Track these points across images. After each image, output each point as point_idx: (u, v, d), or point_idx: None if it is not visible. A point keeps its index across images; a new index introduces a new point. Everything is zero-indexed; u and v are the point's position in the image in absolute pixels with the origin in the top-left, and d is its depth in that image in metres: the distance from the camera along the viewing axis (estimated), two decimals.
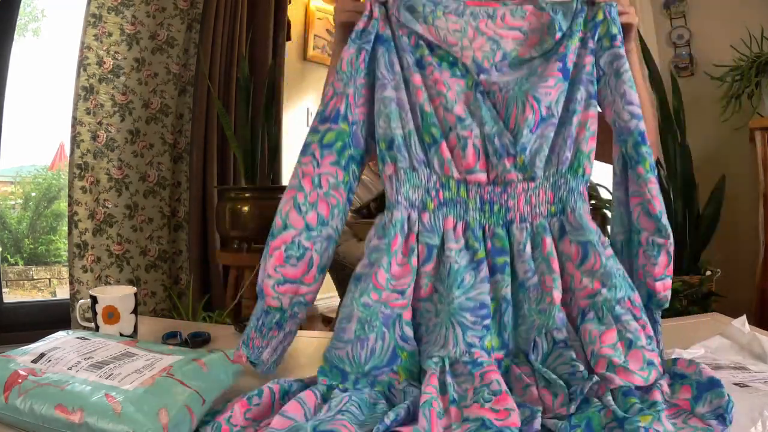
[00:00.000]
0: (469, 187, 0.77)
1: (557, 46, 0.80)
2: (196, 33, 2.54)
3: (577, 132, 0.78)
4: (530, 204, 0.76)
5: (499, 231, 0.75)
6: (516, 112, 0.77)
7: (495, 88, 0.78)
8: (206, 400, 0.62)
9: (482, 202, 0.76)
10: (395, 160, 0.77)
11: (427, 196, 0.77)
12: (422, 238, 0.75)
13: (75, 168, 2.24)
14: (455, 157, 0.77)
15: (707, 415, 0.57)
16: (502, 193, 0.76)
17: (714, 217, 2.14)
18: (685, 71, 2.58)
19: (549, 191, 0.77)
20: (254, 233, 2.22)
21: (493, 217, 0.76)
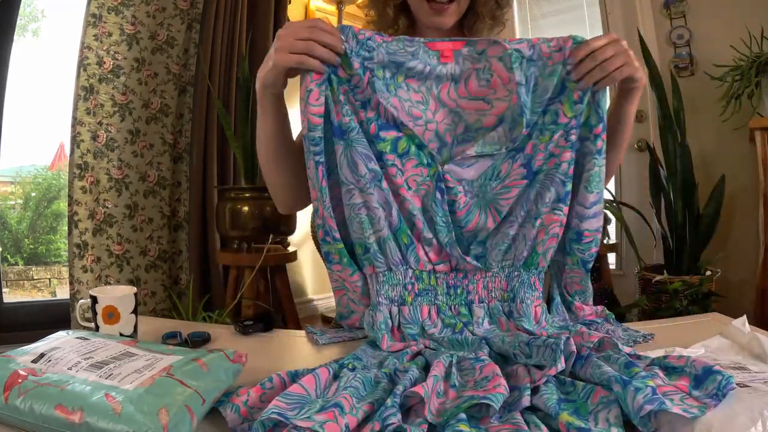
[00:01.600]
0: (437, 275, 0.86)
1: (524, 142, 0.83)
2: (196, 33, 2.54)
3: (536, 234, 0.85)
4: (487, 289, 0.87)
5: (462, 309, 0.86)
6: (477, 220, 0.85)
7: (459, 189, 0.84)
8: (206, 400, 0.62)
9: (448, 287, 0.86)
10: (372, 263, 0.84)
11: (404, 291, 0.85)
12: (404, 329, 0.83)
13: (75, 168, 2.24)
14: (427, 254, 0.86)
15: (702, 396, 0.58)
16: (463, 278, 0.86)
17: (714, 217, 2.14)
18: (685, 71, 2.58)
19: (503, 281, 0.87)
20: (254, 233, 2.22)
21: (457, 299, 0.86)
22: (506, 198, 0.84)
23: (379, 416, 0.55)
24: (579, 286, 0.94)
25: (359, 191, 0.82)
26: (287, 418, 0.54)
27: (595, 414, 0.56)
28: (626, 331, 0.89)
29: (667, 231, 2.24)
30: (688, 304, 2.02)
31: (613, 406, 0.56)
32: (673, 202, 2.19)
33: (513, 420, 0.57)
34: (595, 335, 0.72)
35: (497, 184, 0.85)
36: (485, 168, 0.85)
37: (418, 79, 0.83)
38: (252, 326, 0.99)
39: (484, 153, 0.83)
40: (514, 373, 0.67)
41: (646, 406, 0.53)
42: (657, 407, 0.53)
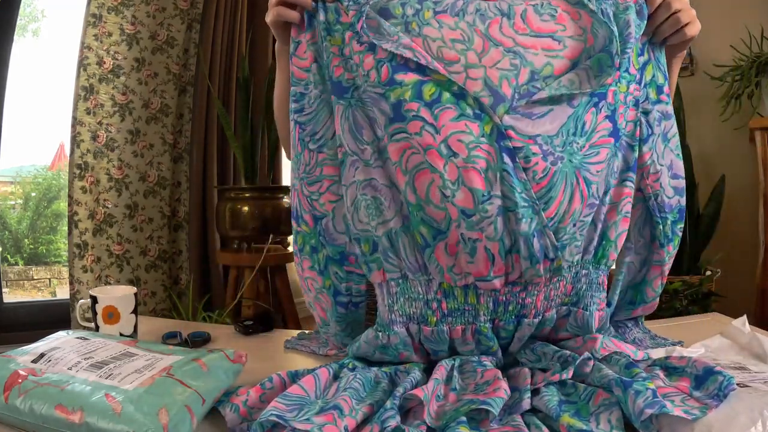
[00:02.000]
0: (480, 292, 0.61)
1: (605, 87, 0.59)
2: (196, 33, 2.54)
3: (607, 214, 0.64)
4: (548, 299, 0.64)
5: (508, 326, 0.65)
6: (562, 197, 0.58)
7: (533, 149, 0.56)
8: (206, 400, 0.62)
9: (496, 305, 0.63)
10: (382, 266, 0.63)
11: (426, 309, 0.62)
12: (427, 345, 0.65)
13: (75, 168, 2.24)
14: (459, 262, 0.59)
15: (703, 397, 0.57)
16: (520, 292, 0.62)
17: (714, 217, 2.14)
18: (685, 71, 2.58)
19: (568, 284, 0.64)
20: (254, 233, 2.22)
21: (505, 315, 0.64)
22: (597, 164, 0.59)
23: (378, 418, 0.55)
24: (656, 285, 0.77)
25: (363, 164, 0.62)
26: (286, 420, 0.54)
27: (596, 416, 0.55)
28: (654, 339, 0.84)
29: None
30: (688, 304, 2.02)
31: (615, 408, 0.56)
32: None
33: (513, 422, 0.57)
34: (606, 349, 0.65)
35: (585, 143, 0.59)
36: (565, 118, 0.58)
37: (452, 14, 0.60)
38: (252, 326, 0.99)
39: (561, 93, 0.58)
40: (516, 374, 0.67)
41: (646, 410, 0.51)
42: (657, 411, 0.52)
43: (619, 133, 0.62)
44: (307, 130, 0.67)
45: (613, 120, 0.61)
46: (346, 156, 0.64)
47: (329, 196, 0.66)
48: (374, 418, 0.55)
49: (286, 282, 2.39)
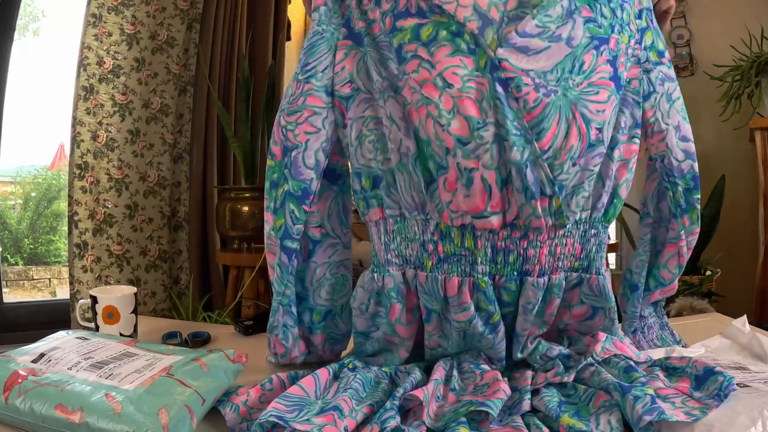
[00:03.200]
0: (477, 234, 0.59)
1: (607, 32, 0.59)
2: (196, 33, 2.54)
3: (617, 171, 0.62)
4: (554, 256, 0.60)
5: (509, 285, 0.61)
6: (556, 130, 0.56)
7: (525, 80, 0.56)
8: (206, 400, 0.62)
9: (494, 252, 0.60)
10: (382, 203, 0.63)
11: (422, 251, 0.61)
12: (422, 299, 0.63)
13: (75, 168, 2.24)
14: (457, 198, 0.58)
15: (704, 397, 0.58)
16: (521, 239, 0.59)
17: (714, 217, 2.14)
18: (685, 71, 2.58)
19: (577, 243, 0.61)
20: (254, 233, 2.22)
21: (506, 268, 0.60)
22: (597, 102, 0.58)
23: (378, 419, 0.55)
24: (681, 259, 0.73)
25: (373, 103, 0.63)
26: (286, 421, 0.54)
27: (596, 416, 0.55)
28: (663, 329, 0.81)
29: None
30: None
31: (615, 410, 0.56)
32: None
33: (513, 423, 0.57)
34: (607, 352, 0.64)
35: (582, 80, 0.58)
36: (562, 56, 0.57)
37: None
38: (252, 326, 0.99)
39: (548, 24, 0.57)
40: (516, 375, 0.67)
41: (645, 417, 0.51)
42: (656, 418, 0.51)
43: (621, 82, 0.61)
44: (302, 59, 0.67)
45: (614, 66, 0.60)
46: (357, 92, 0.64)
47: (306, 126, 0.66)
48: (374, 418, 0.56)
49: None
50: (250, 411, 0.62)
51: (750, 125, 2.04)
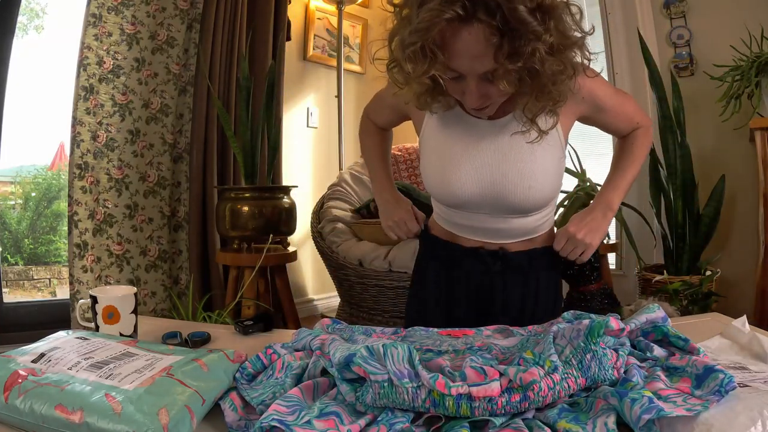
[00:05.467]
0: (476, 403, 0.59)
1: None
2: (196, 33, 2.54)
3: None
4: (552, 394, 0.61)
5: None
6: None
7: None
8: (206, 400, 0.62)
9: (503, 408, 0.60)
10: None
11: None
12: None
13: (75, 168, 2.24)
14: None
15: (705, 395, 0.59)
16: (521, 401, 0.60)
17: (714, 217, 2.14)
18: (685, 71, 2.58)
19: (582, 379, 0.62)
20: (254, 233, 2.22)
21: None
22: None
23: (387, 421, 0.56)
24: None
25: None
26: (287, 425, 0.54)
27: (593, 420, 0.57)
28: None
29: (667, 231, 2.24)
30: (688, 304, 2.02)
31: (611, 413, 0.57)
32: (673, 202, 2.19)
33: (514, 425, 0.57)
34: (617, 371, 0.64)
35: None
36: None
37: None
38: (252, 326, 0.99)
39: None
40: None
41: (644, 416, 0.53)
42: (655, 415, 0.53)
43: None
44: None
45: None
46: None
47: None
48: (382, 420, 0.57)
49: (286, 282, 2.39)
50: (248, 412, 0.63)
51: (750, 125, 2.04)
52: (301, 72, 3.23)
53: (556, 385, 0.60)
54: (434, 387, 0.58)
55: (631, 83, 2.80)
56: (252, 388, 0.67)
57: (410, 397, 0.59)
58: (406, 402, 0.59)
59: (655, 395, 0.58)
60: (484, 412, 0.59)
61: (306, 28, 3.23)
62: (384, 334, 0.80)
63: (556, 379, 0.60)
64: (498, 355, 0.72)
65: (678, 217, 2.18)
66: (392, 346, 0.60)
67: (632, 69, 2.78)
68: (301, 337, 0.78)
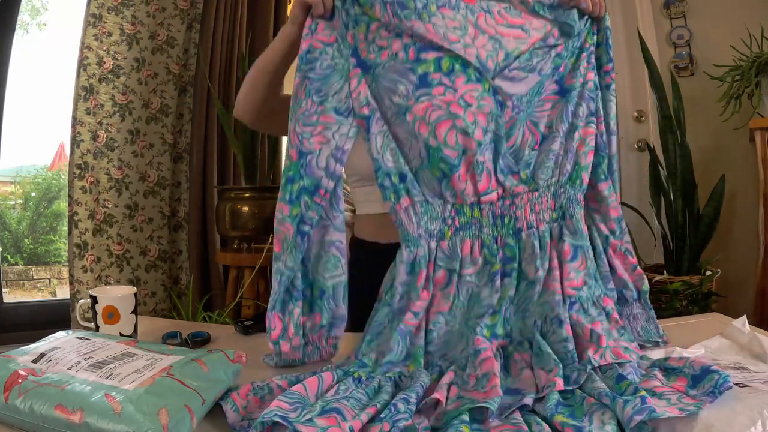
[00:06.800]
0: (482, 206, 0.81)
1: (559, 62, 0.86)
2: (196, 33, 2.54)
3: (577, 146, 0.85)
4: (535, 212, 0.82)
5: (509, 241, 0.81)
6: (518, 134, 0.84)
7: (508, 103, 0.82)
8: (206, 400, 0.62)
9: (494, 218, 0.81)
10: (410, 193, 0.80)
11: (444, 225, 0.80)
12: (442, 264, 0.80)
13: (75, 168, 2.24)
14: (470, 184, 0.80)
15: (699, 395, 0.60)
16: (510, 205, 0.82)
17: (714, 217, 2.14)
18: (685, 71, 2.58)
19: (551, 199, 0.83)
20: (254, 233, 2.22)
21: (504, 229, 0.81)
22: (540, 111, 0.85)
23: (389, 418, 0.57)
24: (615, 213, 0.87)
25: (385, 121, 0.81)
26: (289, 422, 0.55)
27: (589, 415, 0.58)
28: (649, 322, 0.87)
29: (667, 231, 2.24)
30: (688, 304, 2.02)
31: (607, 409, 0.58)
32: (673, 202, 2.19)
33: (513, 420, 0.58)
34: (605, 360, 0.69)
35: (536, 99, 0.85)
36: (533, 83, 0.84)
37: (449, 8, 0.81)
38: (252, 326, 0.99)
39: (526, 62, 0.83)
40: (519, 377, 0.69)
41: (635, 417, 0.54)
42: (646, 417, 0.54)
43: (566, 91, 0.86)
44: (315, 86, 0.81)
45: (560, 84, 0.87)
46: (374, 111, 0.81)
47: (320, 138, 0.80)
48: (385, 417, 0.57)
49: None
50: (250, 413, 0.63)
51: (750, 125, 2.04)
52: None
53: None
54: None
55: (631, 83, 2.80)
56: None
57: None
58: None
59: (649, 393, 0.59)
60: (489, 213, 0.79)
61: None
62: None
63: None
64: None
65: (678, 217, 2.17)
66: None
67: (632, 69, 2.78)
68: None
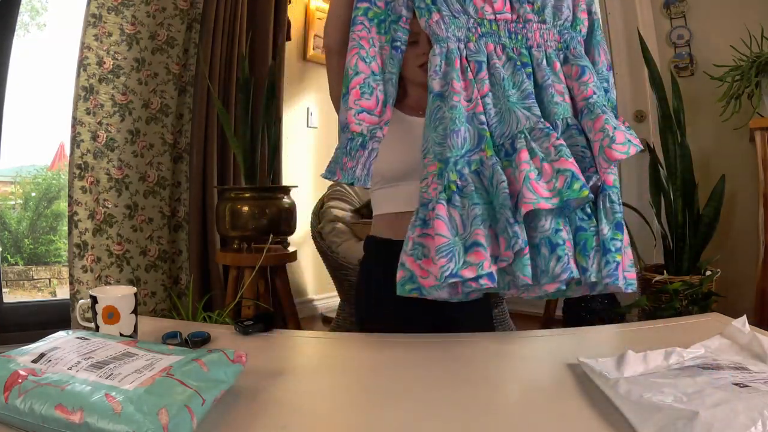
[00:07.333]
0: (499, 23, 0.98)
1: None
2: (196, 33, 2.54)
3: (574, 2, 1.02)
4: (543, 38, 0.99)
5: (523, 51, 0.98)
6: None
7: None
8: (206, 400, 0.62)
9: (509, 33, 0.98)
10: (439, 10, 0.96)
11: (468, 32, 0.96)
12: (473, 57, 0.95)
13: (75, 168, 2.24)
14: (488, 3, 0.97)
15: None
16: (523, 28, 0.98)
17: (714, 217, 2.14)
18: (685, 71, 2.58)
19: (557, 34, 1.00)
20: (254, 233, 2.22)
21: (518, 42, 0.98)
22: None
23: (509, 246, 0.83)
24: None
25: None
26: (462, 279, 0.81)
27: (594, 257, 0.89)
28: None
29: (667, 231, 2.24)
30: (688, 304, 2.02)
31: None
32: (673, 202, 2.19)
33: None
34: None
35: None
36: None
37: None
38: (252, 326, 0.99)
39: None
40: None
41: (606, 281, 0.87)
42: (612, 283, 0.87)
43: None
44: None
45: None
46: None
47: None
48: (507, 243, 0.83)
49: (286, 282, 2.39)
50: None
51: (750, 125, 2.04)
52: (301, 72, 3.24)
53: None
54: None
55: (631, 83, 2.80)
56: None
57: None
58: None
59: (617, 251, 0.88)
60: (505, 28, 0.98)
61: (306, 28, 3.23)
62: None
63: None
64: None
65: (678, 217, 2.17)
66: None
67: (632, 69, 2.78)
68: None
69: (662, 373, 0.72)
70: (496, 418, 0.67)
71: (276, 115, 2.53)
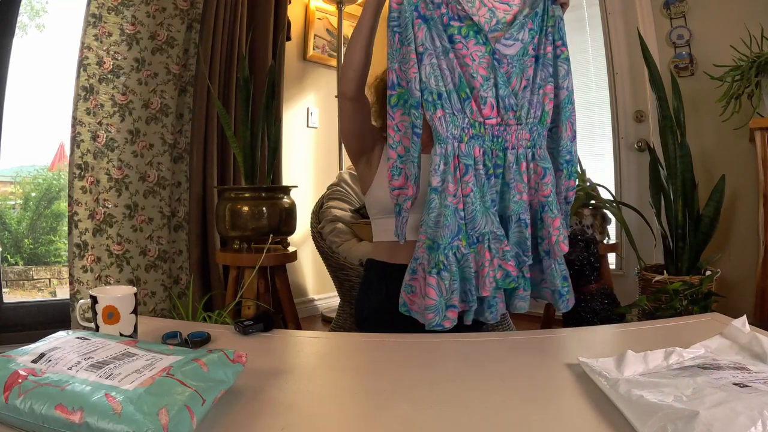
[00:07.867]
0: (486, 127, 1.15)
1: (531, 40, 1.19)
2: (196, 33, 2.54)
3: (542, 97, 1.20)
4: (517, 139, 1.18)
5: (500, 153, 1.17)
6: (516, 82, 1.18)
7: (504, 60, 1.16)
8: (206, 400, 0.62)
9: (493, 136, 1.16)
10: (443, 107, 1.12)
11: (462, 132, 1.13)
12: (463, 160, 1.13)
13: (75, 168, 2.24)
14: (479, 108, 1.14)
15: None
16: (504, 131, 1.16)
17: (714, 217, 2.14)
18: (685, 71, 2.58)
19: (527, 132, 1.18)
20: (254, 233, 2.22)
21: (497, 146, 1.16)
22: (528, 67, 1.19)
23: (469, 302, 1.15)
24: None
25: (435, 56, 1.12)
26: (442, 327, 1.09)
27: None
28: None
29: (667, 231, 2.24)
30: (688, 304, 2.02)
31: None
32: (673, 202, 2.19)
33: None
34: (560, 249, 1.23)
35: (527, 59, 1.19)
36: (519, 48, 1.18)
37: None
38: (252, 326, 0.99)
39: (514, 33, 1.18)
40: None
41: (561, 307, 1.24)
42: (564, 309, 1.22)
43: (538, 58, 1.21)
44: (400, 35, 1.14)
45: (535, 55, 1.21)
46: (426, 50, 1.12)
47: (414, 69, 1.12)
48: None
49: (286, 282, 2.39)
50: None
51: (750, 125, 2.04)
52: (301, 72, 3.24)
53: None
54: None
55: (631, 83, 2.80)
56: None
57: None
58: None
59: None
60: (490, 132, 1.16)
61: (306, 28, 3.23)
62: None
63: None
64: None
65: (678, 217, 2.17)
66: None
67: (632, 69, 2.78)
68: None
69: (662, 373, 0.72)
70: (496, 417, 0.67)
71: (276, 115, 2.53)
